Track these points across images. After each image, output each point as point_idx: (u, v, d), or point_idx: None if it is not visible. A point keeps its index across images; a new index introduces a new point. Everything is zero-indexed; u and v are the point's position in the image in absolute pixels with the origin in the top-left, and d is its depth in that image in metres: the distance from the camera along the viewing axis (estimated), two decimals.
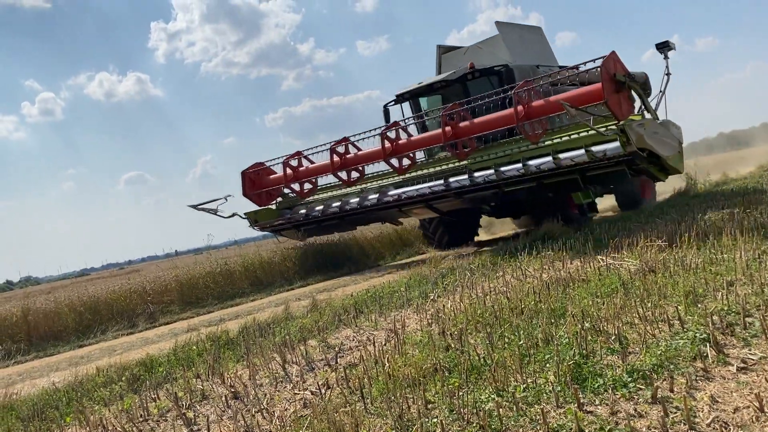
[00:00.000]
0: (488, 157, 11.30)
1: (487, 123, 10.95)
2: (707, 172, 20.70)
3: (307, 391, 4.21)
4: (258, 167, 14.41)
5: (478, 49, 14.33)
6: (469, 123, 11.20)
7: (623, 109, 9.66)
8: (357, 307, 6.87)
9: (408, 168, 12.32)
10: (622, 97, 9.67)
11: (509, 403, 3.26)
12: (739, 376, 3.18)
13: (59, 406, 5.12)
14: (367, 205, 12.79)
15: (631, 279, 5.51)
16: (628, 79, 9.63)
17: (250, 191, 14.46)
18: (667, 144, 10.47)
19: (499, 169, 10.80)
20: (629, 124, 9.50)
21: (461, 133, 11.24)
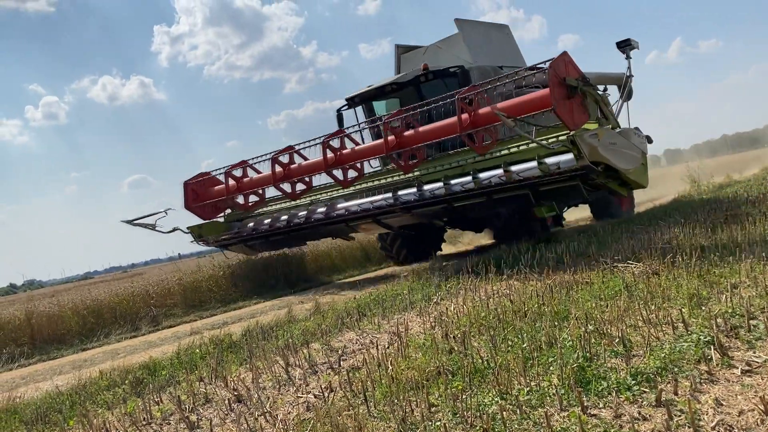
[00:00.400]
0: (441, 168, 10.59)
1: (431, 132, 10.00)
2: (711, 174, 20.68)
3: (310, 395, 4.21)
4: (202, 177, 13.49)
5: (437, 48, 13.51)
6: (414, 132, 10.22)
7: (575, 118, 8.70)
8: (360, 310, 6.86)
9: (354, 180, 11.36)
10: (575, 104, 8.70)
11: (512, 407, 3.26)
12: (743, 379, 3.16)
13: (62, 410, 5.12)
14: (314, 220, 11.97)
15: (635, 282, 5.50)
16: (581, 83, 8.69)
17: (193, 204, 13.52)
18: (627, 156, 9.30)
19: (448, 182, 10.03)
20: (580, 135, 8.49)
21: (405, 143, 10.24)
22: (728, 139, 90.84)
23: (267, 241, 13.55)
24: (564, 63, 8.70)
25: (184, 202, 13.54)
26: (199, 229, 13.80)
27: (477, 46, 12.84)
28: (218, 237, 13.79)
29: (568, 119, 8.57)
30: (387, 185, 11.37)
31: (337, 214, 11.65)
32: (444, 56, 12.86)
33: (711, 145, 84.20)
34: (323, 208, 12.00)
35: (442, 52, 13.24)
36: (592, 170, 8.69)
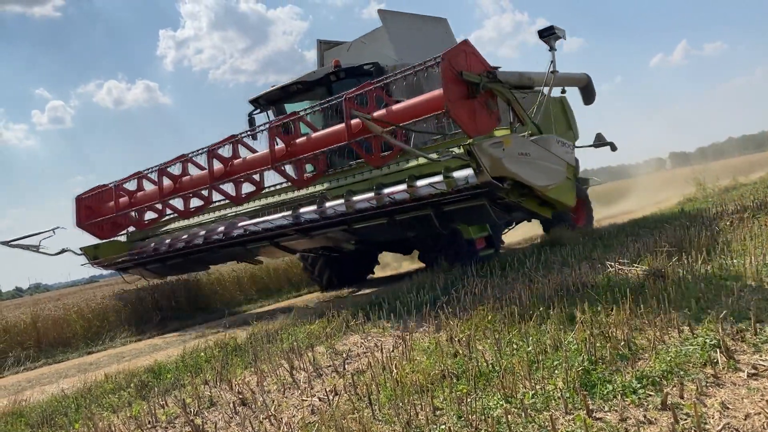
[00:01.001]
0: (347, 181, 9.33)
1: (323, 140, 8.43)
2: (717, 176, 20.63)
3: (315, 398, 4.21)
4: (98, 190, 11.64)
5: (362, 44, 12.23)
6: (306, 139, 8.63)
7: (478, 123, 7.28)
8: (365, 313, 6.86)
9: (251, 195, 9.75)
10: (477, 106, 7.30)
11: (518, 410, 3.25)
12: (750, 383, 3.15)
13: (68, 413, 5.14)
14: (213, 240, 10.34)
15: (640, 285, 5.48)
16: (485, 80, 7.27)
17: (86, 221, 11.58)
18: (544, 169, 7.63)
19: (350, 198, 8.56)
20: (479, 144, 6.91)
21: (297, 151, 8.63)
22: (734, 142, 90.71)
23: (164, 265, 11.94)
24: (464, 54, 7.24)
25: (76, 219, 11.70)
26: (95, 249, 12.15)
27: (403, 41, 11.36)
28: (115, 259, 12.11)
29: (468, 124, 7.20)
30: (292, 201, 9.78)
31: (236, 234, 10.06)
32: (368, 52, 11.55)
33: (717, 148, 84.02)
34: (222, 227, 10.36)
35: (366, 47, 11.98)
36: (497, 187, 7.18)
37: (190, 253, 10.97)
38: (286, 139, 8.73)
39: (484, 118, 7.38)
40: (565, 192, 8.00)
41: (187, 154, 9.99)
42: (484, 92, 7.28)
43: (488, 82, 7.30)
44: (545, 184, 7.59)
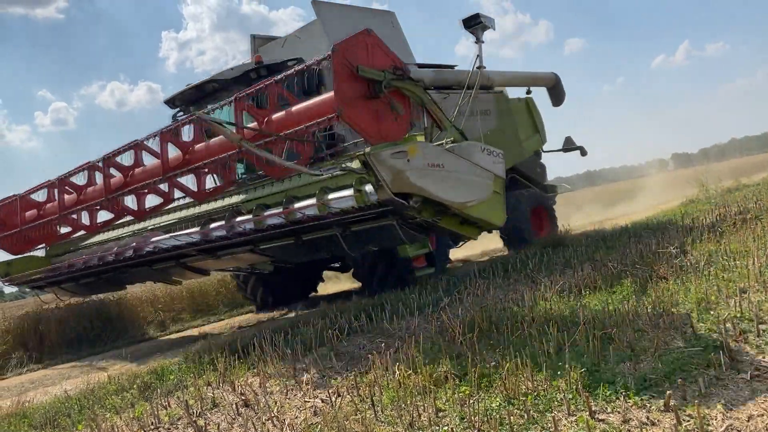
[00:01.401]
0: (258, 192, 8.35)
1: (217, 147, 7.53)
2: (719, 178, 20.60)
3: (317, 399, 4.21)
4: (11, 199, 10.54)
5: (296, 38, 11.30)
6: (205, 146, 7.73)
7: (381, 127, 6.29)
8: (367, 315, 6.86)
9: (157, 208, 8.65)
10: (380, 108, 6.29)
11: (520, 411, 3.25)
12: (752, 384, 3.15)
13: (71, 414, 5.15)
14: (124, 258, 9.19)
15: (643, 286, 5.48)
16: (390, 77, 6.28)
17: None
18: (463, 183, 6.40)
19: (260, 213, 7.55)
20: (376, 154, 5.86)
21: (197, 159, 7.68)
22: (737, 143, 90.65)
23: (78, 284, 10.91)
24: (364, 46, 6.25)
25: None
26: (7, 266, 11.05)
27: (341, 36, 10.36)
28: (29, 277, 10.95)
29: (368, 129, 6.23)
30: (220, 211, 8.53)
31: (147, 251, 8.89)
32: (304, 47, 10.57)
33: (719, 149, 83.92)
34: (135, 243, 9.23)
35: (301, 42, 11.01)
36: (400, 205, 6.11)
37: (104, 271, 9.90)
38: (183, 145, 7.84)
39: (389, 123, 6.35)
40: (491, 209, 6.68)
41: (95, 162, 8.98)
42: (389, 92, 6.29)
43: (394, 80, 6.33)
44: (464, 200, 6.39)
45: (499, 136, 11.28)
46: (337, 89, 6.08)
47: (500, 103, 12.14)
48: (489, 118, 11.49)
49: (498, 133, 11.40)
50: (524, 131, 12.68)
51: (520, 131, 12.40)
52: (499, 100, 12.19)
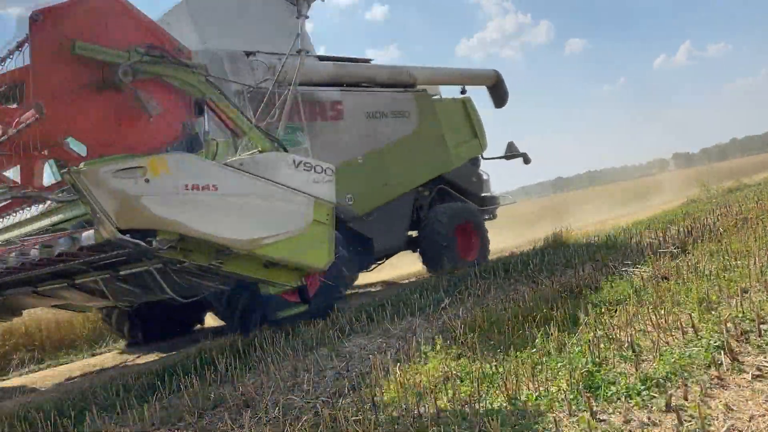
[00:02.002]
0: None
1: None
2: (720, 178, 20.60)
3: (318, 399, 4.21)
4: None
5: (166, 24, 8.63)
6: None
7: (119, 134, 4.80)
8: (368, 316, 6.86)
9: None
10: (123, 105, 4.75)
11: (521, 411, 3.25)
12: (754, 384, 3.14)
13: (72, 415, 5.14)
14: None
15: (644, 286, 5.48)
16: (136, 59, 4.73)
17: None
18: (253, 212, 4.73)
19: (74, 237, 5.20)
20: (89, 171, 4.05)
21: None
22: (738, 143, 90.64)
23: None
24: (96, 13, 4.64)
25: None
26: None
27: (210, 22, 8.82)
28: None
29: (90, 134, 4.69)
30: None
31: None
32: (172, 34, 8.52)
33: (720, 149, 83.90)
34: None
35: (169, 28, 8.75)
36: (139, 248, 4.37)
37: None
38: None
39: (139, 127, 4.77)
40: (306, 246, 5.02)
41: None
42: (139, 81, 4.73)
43: (143, 63, 4.71)
44: (254, 236, 4.69)
45: (417, 142, 10.65)
46: (36, 76, 4.40)
47: (422, 103, 11.04)
48: (405, 121, 10.60)
49: (417, 138, 10.66)
50: (457, 136, 11.60)
51: (449, 136, 11.35)
52: (421, 100, 11.06)
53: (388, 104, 10.30)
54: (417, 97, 10.99)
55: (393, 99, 10.48)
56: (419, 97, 11.04)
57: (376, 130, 10.00)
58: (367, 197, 9.60)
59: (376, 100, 10.22)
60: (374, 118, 10.07)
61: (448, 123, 11.45)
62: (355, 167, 9.47)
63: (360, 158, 9.67)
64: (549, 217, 23.56)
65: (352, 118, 9.67)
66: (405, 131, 10.50)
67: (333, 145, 9.14)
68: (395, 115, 10.42)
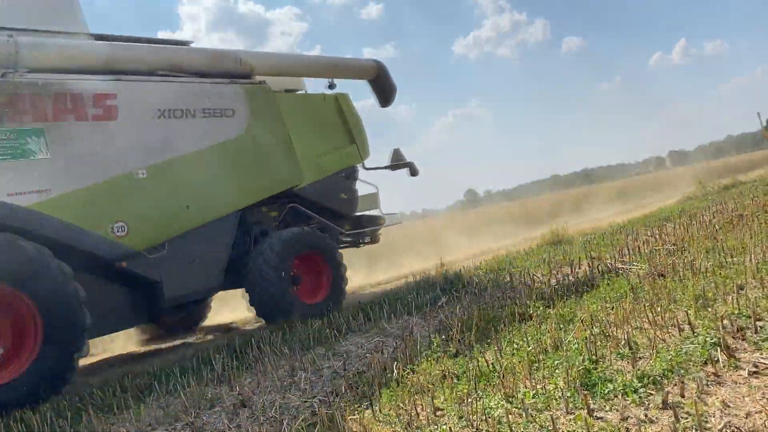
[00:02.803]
0: None
1: None
2: (717, 174, 20.65)
3: (315, 399, 4.20)
4: None
5: None
6: None
7: None
8: (365, 314, 6.85)
9: None
10: None
11: (518, 410, 3.25)
12: (750, 381, 3.14)
13: (68, 417, 5.13)
14: None
15: (640, 283, 5.48)
16: None
17: None
18: None
19: None
20: None
21: None
22: (734, 140, 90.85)
23: None
24: None
25: None
26: None
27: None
28: None
29: None
30: None
31: None
32: None
33: (716, 147, 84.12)
34: None
35: None
36: None
37: None
38: None
39: None
40: None
41: None
42: None
43: None
44: None
45: (247, 149, 8.25)
46: None
47: (256, 99, 8.54)
48: (226, 122, 8.15)
49: (245, 144, 8.25)
50: (321, 141, 9.33)
51: (304, 141, 8.95)
52: (255, 95, 8.55)
53: (198, 99, 7.89)
54: (248, 91, 8.47)
55: (207, 92, 8.04)
56: (252, 90, 8.54)
57: (173, 134, 7.56)
58: (153, 225, 7.23)
59: (175, 94, 7.74)
60: (172, 118, 7.61)
61: (304, 125, 9.12)
62: (132, 184, 7.09)
63: (142, 172, 7.18)
64: (547, 215, 23.58)
65: (131, 118, 7.25)
66: (225, 135, 8.09)
67: (97, 155, 6.87)
68: (209, 113, 7.98)
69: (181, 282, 7.51)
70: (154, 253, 7.20)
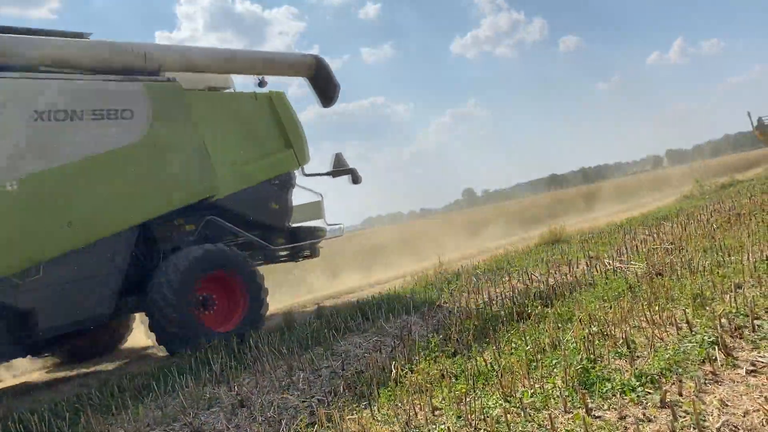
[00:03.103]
0: None
1: None
2: (714, 173, 20.68)
3: (314, 399, 4.20)
4: None
5: None
6: None
7: None
8: (363, 314, 6.85)
9: None
10: None
11: (517, 409, 3.25)
12: (748, 379, 3.15)
13: (67, 417, 5.12)
14: None
15: (638, 282, 5.48)
16: None
17: None
18: None
19: None
20: None
21: None
22: (731, 139, 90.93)
23: None
24: None
25: None
26: None
27: None
28: None
29: None
30: None
31: None
32: None
33: (714, 145, 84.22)
34: None
35: None
36: None
37: None
38: None
39: None
40: None
41: None
42: None
43: None
44: None
45: (148, 155, 7.26)
46: None
47: (161, 98, 7.53)
48: (123, 124, 7.15)
49: (147, 150, 7.25)
50: (249, 146, 8.38)
51: (224, 145, 8.01)
52: (160, 94, 7.55)
53: (87, 99, 6.91)
54: (151, 90, 7.47)
55: (98, 91, 7.07)
56: (156, 88, 7.56)
57: (53, 139, 6.60)
58: (22, 246, 6.30)
59: (58, 93, 6.76)
60: (53, 120, 6.61)
61: (228, 127, 8.21)
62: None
63: (11, 183, 6.23)
64: (545, 215, 23.60)
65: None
66: (120, 139, 7.10)
67: None
68: (101, 115, 6.99)
69: (60, 310, 6.59)
70: (25, 278, 6.30)
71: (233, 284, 7.63)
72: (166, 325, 7.03)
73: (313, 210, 9.48)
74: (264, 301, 7.83)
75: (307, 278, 14.58)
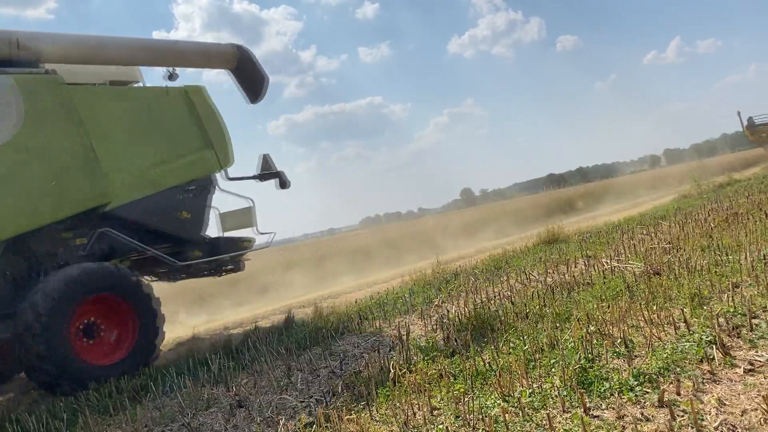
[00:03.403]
0: None
1: None
2: (712, 173, 20.71)
3: (312, 399, 4.20)
4: None
5: None
6: None
7: None
8: (361, 314, 6.85)
9: None
10: None
11: (515, 409, 3.25)
12: (746, 378, 3.15)
13: (64, 418, 5.11)
14: None
15: (636, 282, 5.49)
16: None
17: None
18: None
19: None
20: None
21: None
22: (728, 138, 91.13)
23: None
24: None
25: None
26: None
27: None
28: None
29: None
30: None
31: None
32: None
33: (711, 145, 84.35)
34: None
35: None
36: None
37: None
38: None
39: None
40: None
41: None
42: None
43: None
44: None
45: (13, 160, 6.25)
46: None
47: (36, 93, 6.54)
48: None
49: (11, 154, 6.24)
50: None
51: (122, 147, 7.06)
52: (33, 89, 6.54)
53: None
54: (22, 84, 6.45)
55: None
56: (29, 82, 6.55)
57: None
58: None
59: None
60: None
61: (128, 126, 7.21)
62: None
63: None
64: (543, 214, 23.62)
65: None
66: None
67: None
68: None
69: None
70: None
71: (122, 309, 6.54)
72: (33, 358, 5.88)
73: (243, 217, 8.47)
74: (159, 329, 6.70)
75: (303, 280, 14.58)
